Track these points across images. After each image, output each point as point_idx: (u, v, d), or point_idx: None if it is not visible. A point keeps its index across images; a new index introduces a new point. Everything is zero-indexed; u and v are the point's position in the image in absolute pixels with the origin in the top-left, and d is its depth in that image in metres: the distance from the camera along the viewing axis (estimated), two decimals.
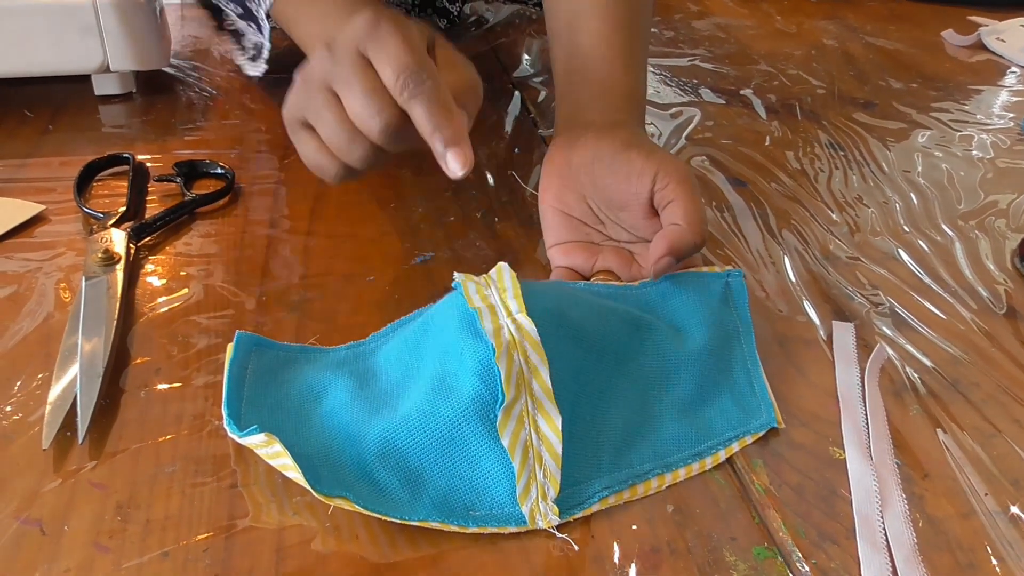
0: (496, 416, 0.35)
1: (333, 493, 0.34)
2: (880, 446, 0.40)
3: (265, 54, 0.67)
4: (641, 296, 0.46)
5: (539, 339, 0.36)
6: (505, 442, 0.35)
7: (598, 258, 0.49)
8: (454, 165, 0.39)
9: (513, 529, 0.35)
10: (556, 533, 0.35)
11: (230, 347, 0.41)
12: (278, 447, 0.34)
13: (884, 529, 0.36)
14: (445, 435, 0.36)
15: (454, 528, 0.35)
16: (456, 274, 0.40)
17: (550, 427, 0.36)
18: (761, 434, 0.41)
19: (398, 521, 0.34)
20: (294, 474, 0.34)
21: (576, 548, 0.35)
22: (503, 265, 0.40)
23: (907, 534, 0.35)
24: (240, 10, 0.66)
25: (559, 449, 0.36)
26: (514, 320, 0.37)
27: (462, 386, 0.36)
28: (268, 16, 0.62)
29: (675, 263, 0.45)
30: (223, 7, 0.69)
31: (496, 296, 0.39)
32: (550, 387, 0.36)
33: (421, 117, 0.38)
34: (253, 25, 0.66)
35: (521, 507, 0.35)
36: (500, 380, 0.35)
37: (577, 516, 0.36)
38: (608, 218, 0.50)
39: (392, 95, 0.38)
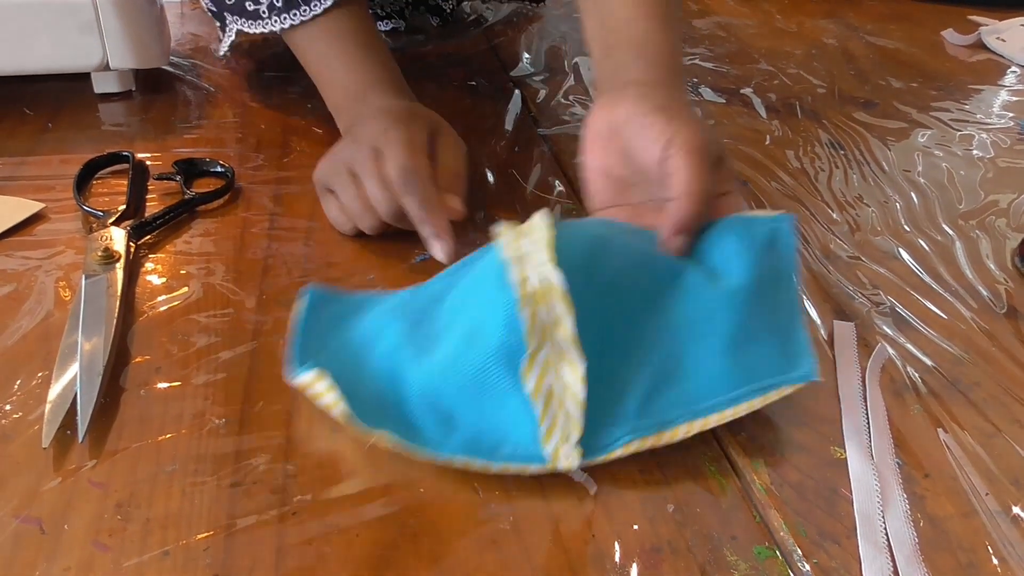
0: (519, 366, 0.37)
1: (374, 427, 0.37)
2: (881, 445, 0.40)
3: (223, 52, 0.69)
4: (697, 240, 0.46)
5: (565, 288, 0.37)
6: (528, 388, 0.37)
7: (642, 220, 0.48)
8: (437, 253, 0.50)
9: (535, 469, 0.37)
10: (576, 475, 0.37)
11: (300, 300, 0.45)
12: (326, 383, 0.37)
13: (885, 529, 0.36)
14: (475, 379, 0.38)
15: (479, 466, 0.37)
16: (497, 224, 0.42)
17: (573, 374, 0.37)
18: (800, 385, 0.39)
19: (428, 458, 0.37)
20: (339, 410, 0.37)
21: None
22: (540, 213, 0.41)
23: (908, 534, 0.35)
24: (214, 8, 0.65)
25: (582, 396, 0.37)
26: (541, 273, 0.38)
27: (489, 334, 0.38)
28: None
29: (686, 239, 0.44)
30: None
31: (529, 246, 0.40)
32: (574, 336, 0.37)
33: (411, 211, 0.50)
34: (219, 25, 0.67)
35: (544, 448, 0.37)
36: (523, 329, 0.37)
37: (599, 460, 0.37)
38: (644, 179, 0.49)
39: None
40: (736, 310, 0.41)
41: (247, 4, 0.61)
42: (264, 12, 0.61)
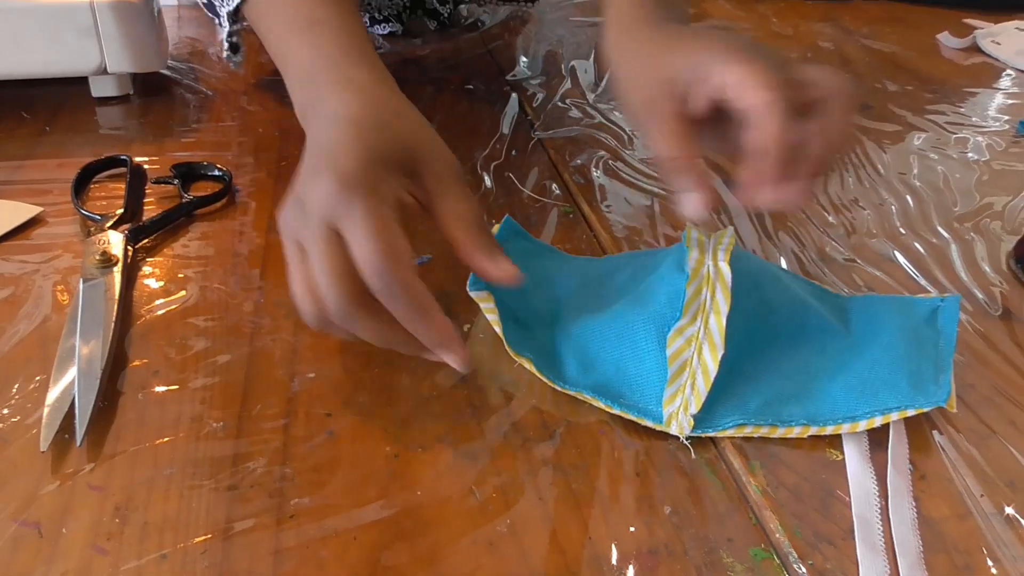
0: (669, 331, 0.41)
1: (521, 353, 0.43)
2: (898, 451, 0.40)
3: (227, 50, 0.64)
4: (840, 302, 0.49)
5: (731, 285, 0.42)
6: (669, 352, 0.41)
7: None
8: (454, 364, 0.38)
9: (649, 424, 0.40)
10: (684, 441, 0.40)
11: (497, 225, 0.51)
12: (491, 304, 0.45)
13: (882, 532, 0.36)
14: (624, 333, 0.43)
15: (602, 405, 0.41)
16: (688, 226, 0.46)
17: (712, 357, 0.41)
18: (925, 410, 0.40)
19: (559, 388, 0.42)
20: (498, 328, 0.44)
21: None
22: (731, 228, 0.46)
23: (914, 542, 0.35)
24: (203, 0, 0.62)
25: (712, 377, 0.40)
26: (716, 265, 0.43)
27: (653, 298, 0.43)
28: (236, 16, 0.59)
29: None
30: None
31: (712, 246, 0.44)
32: (724, 327, 0.41)
33: (404, 320, 0.37)
34: (216, 20, 0.63)
35: (663, 409, 0.40)
36: (683, 302, 0.41)
37: (708, 434, 0.40)
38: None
39: (361, 279, 0.36)
40: (874, 359, 0.43)
41: None
42: None
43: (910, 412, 0.40)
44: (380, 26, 0.94)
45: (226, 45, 0.64)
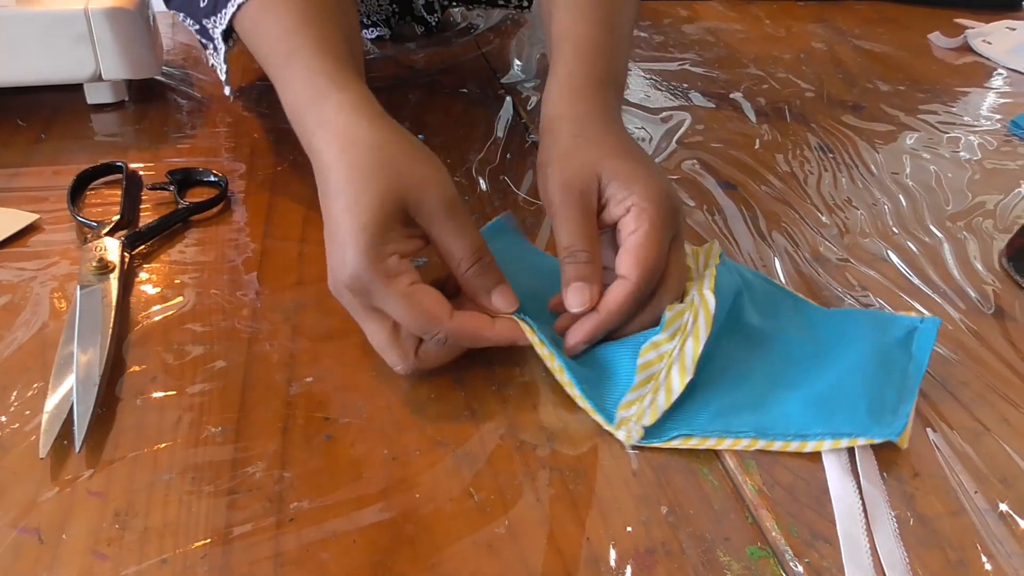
0: (645, 342, 0.42)
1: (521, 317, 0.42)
2: (867, 466, 0.39)
3: (223, 77, 0.61)
4: (816, 315, 0.49)
5: (714, 315, 0.42)
6: (640, 361, 0.41)
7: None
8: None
9: (599, 420, 0.41)
10: (629, 450, 0.40)
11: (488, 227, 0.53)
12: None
13: (868, 549, 0.35)
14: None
15: (567, 380, 0.41)
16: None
17: (680, 379, 0.41)
18: (876, 441, 0.39)
19: (536, 345, 0.42)
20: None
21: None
22: (716, 245, 0.47)
23: (899, 554, 0.35)
24: (196, 26, 0.61)
25: (674, 397, 0.40)
26: (701, 294, 0.43)
27: None
28: (228, 36, 0.58)
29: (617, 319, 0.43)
30: (182, 21, 0.64)
31: (699, 271, 0.45)
32: (699, 354, 0.41)
33: (468, 345, 0.43)
34: (210, 45, 0.60)
35: (618, 412, 0.41)
36: (665, 320, 0.42)
37: (654, 444, 0.40)
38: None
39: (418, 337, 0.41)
40: (838, 377, 0.43)
41: None
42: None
43: (861, 441, 0.39)
44: (368, 31, 0.94)
45: (225, 78, 0.61)
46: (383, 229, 0.40)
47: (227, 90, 0.62)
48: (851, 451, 0.40)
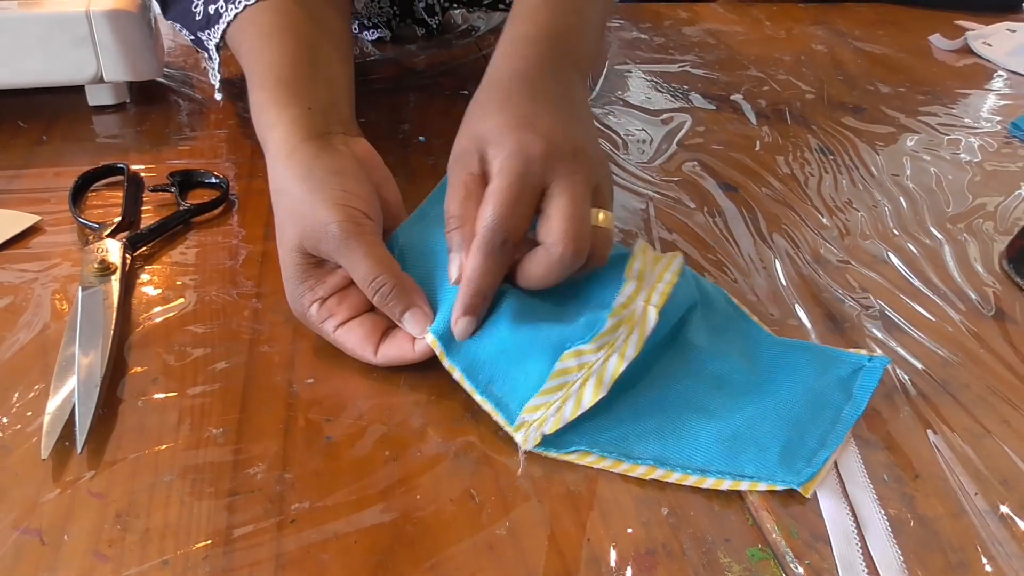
0: (568, 347, 0.40)
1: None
2: (850, 469, 0.39)
3: (216, 84, 0.63)
4: (763, 347, 0.46)
5: (649, 335, 0.41)
6: (557, 366, 0.40)
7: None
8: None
9: (500, 421, 0.40)
10: (520, 455, 0.39)
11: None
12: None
13: (861, 549, 0.35)
14: (526, 323, 0.41)
15: (467, 386, 0.41)
16: (640, 242, 0.47)
17: (593, 394, 0.39)
18: (778, 488, 0.38)
19: (442, 363, 0.41)
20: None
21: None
22: (679, 258, 0.46)
23: (892, 553, 0.35)
24: (192, 36, 0.63)
25: (582, 411, 0.39)
26: (646, 308, 0.42)
27: (570, 314, 0.42)
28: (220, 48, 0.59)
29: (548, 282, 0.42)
30: (179, 31, 0.66)
31: (652, 279, 0.44)
32: (619, 374, 0.40)
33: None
34: (205, 55, 0.63)
35: (520, 413, 0.40)
36: (597, 331, 0.41)
37: (549, 454, 0.39)
38: None
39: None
40: (761, 413, 0.41)
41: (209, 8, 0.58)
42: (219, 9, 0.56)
43: (762, 487, 0.38)
44: (368, 32, 0.95)
45: (217, 85, 0.63)
46: (298, 280, 0.43)
47: (217, 96, 0.63)
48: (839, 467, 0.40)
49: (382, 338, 0.43)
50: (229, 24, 0.55)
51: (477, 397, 0.41)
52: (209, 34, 0.58)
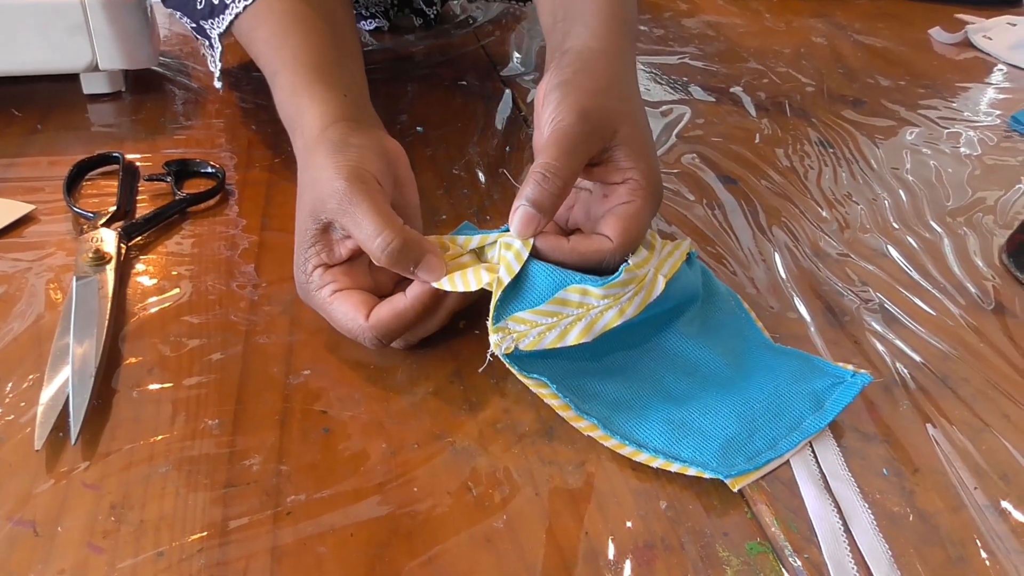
0: (579, 282, 0.40)
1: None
2: (830, 463, 0.39)
3: (216, 72, 0.62)
4: (758, 348, 0.46)
5: (652, 301, 0.42)
6: (559, 295, 0.40)
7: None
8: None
9: (490, 319, 0.40)
10: (489, 352, 0.40)
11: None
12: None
13: (848, 544, 0.35)
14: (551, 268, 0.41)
15: (483, 282, 0.41)
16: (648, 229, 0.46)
17: (576, 338, 0.40)
18: (704, 475, 0.38)
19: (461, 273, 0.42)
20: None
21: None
22: (687, 240, 0.47)
23: (880, 547, 0.35)
24: (193, 24, 0.63)
25: (560, 346, 0.40)
26: (656, 277, 0.42)
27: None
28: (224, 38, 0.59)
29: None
30: (178, 19, 0.66)
31: (663, 254, 0.45)
32: (610, 327, 0.40)
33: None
34: (206, 43, 0.62)
35: (506, 319, 0.40)
36: (609, 280, 0.41)
37: (510, 368, 0.40)
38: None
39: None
40: (715, 409, 0.41)
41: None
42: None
43: (691, 471, 0.38)
44: (366, 22, 0.94)
45: (217, 74, 0.62)
46: (306, 247, 0.44)
47: (217, 84, 0.63)
48: (814, 451, 0.40)
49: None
50: (238, 15, 0.55)
51: (475, 286, 0.41)
52: (213, 23, 0.58)
